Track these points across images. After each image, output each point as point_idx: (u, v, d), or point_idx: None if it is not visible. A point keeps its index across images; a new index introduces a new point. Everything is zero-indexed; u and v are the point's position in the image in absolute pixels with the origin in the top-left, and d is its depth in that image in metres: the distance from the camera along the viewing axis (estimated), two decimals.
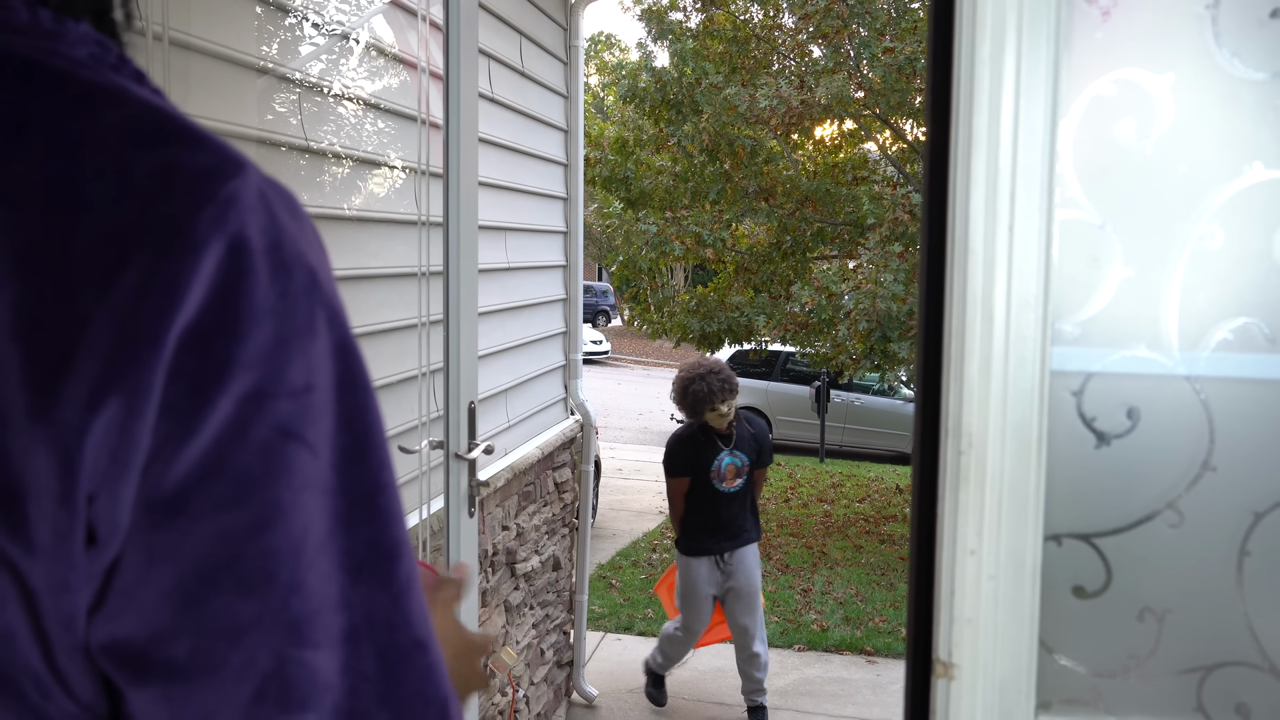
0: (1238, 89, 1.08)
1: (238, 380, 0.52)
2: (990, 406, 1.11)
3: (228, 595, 0.53)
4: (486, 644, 0.95)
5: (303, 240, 0.57)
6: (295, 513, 0.54)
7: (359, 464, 0.58)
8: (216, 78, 2.43)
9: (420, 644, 0.60)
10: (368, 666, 0.57)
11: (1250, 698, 1.12)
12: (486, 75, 4.20)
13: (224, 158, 0.55)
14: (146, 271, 0.51)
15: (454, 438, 2.69)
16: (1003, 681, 1.13)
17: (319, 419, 0.56)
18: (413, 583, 0.60)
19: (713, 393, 5.01)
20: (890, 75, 9.19)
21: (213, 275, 0.52)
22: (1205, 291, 1.10)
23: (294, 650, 0.54)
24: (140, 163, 0.53)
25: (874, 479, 12.64)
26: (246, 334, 0.53)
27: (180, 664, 0.53)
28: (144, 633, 0.53)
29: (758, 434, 5.28)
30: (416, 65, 3.41)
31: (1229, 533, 1.12)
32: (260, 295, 0.53)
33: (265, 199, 0.56)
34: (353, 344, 0.59)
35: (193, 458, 0.52)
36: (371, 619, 0.57)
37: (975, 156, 1.09)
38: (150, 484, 0.52)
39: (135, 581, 0.52)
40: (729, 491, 5.17)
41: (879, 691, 6.22)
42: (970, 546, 1.12)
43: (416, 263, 3.23)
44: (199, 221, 0.52)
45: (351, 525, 0.57)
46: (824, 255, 10.93)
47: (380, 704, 0.57)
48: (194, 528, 0.52)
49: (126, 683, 0.53)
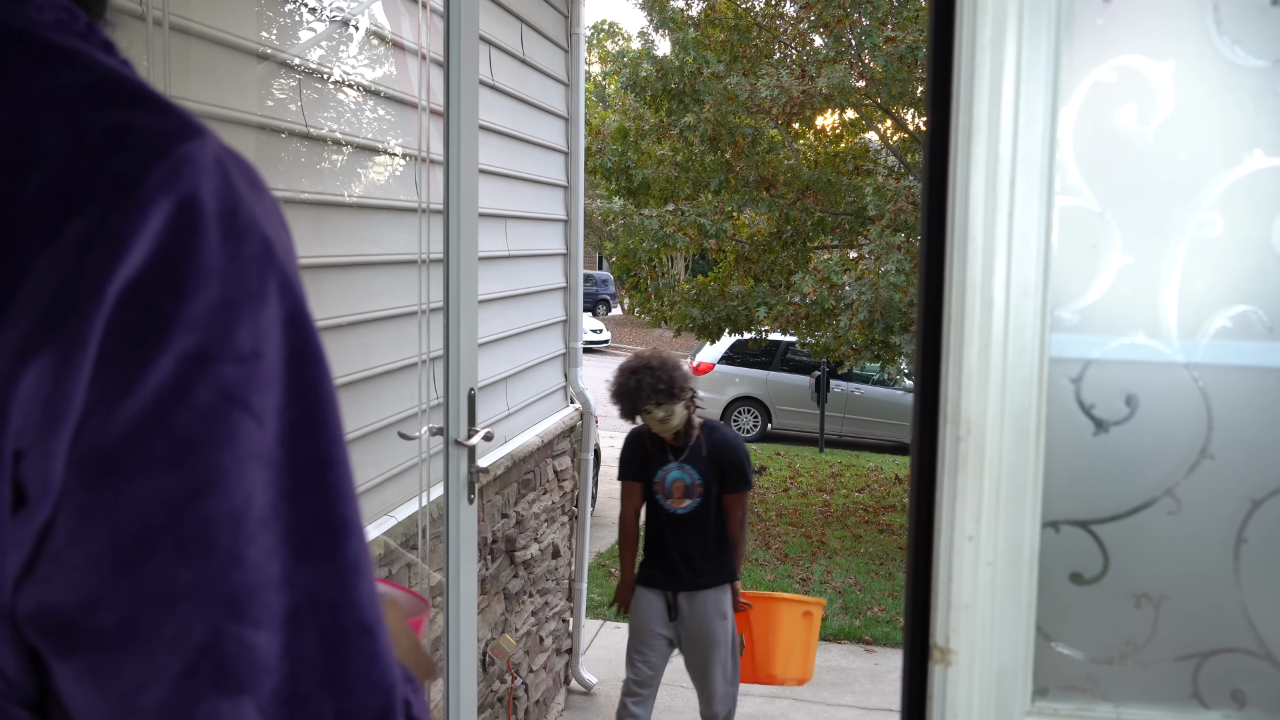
0: (1238, 76, 1.08)
1: (180, 339, 0.51)
2: (989, 393, 1.11)
3: (163, 561, 0.51)
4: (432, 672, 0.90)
5: (260, 210, 0.56)
6: (237, 481, 0.53)
7: (307, 439, 0.56)
8: (217, 63, 2.42)
9: (366, 627, 0.57)
10: (310, 649, 0.55)
11: (1246, 684, 1.13)
12: (487, 62, 4.19)
13: (183, 123, 0.55)
14: (92, 224, 0.50)
15: (454, 424, 2.69)
16: (1000, 668, 1.14)
17: (266, 388, 0.54)
18: (360, 564, 0.58)
19: (640, 392, 4.08)
20: (892, 64, 9.18)
21: (159, 232, 0.51)
22: (1204, 279, 1.10)
23: (232, 626, 0.52)
24: (95, 121, 0.52)
25: (873, 469, 12.65)
26: (192, 293, 0.52)
27: (108, 632, 0.51)
28: (72, 599, 0.51)
29: (721, 451, 4.24)
30: (417, 51, 3.41)
31: (1226, 520, 1.12)
32: (209, 256, 0.52)
33: (222, 165, 0.55)
34: (306, 316, 0.57)
35: (131, 415, 0.51)
36: (315, 599, 0.55)
37: (975, 143, 1.09)
38: (86, 441, 0.50)
39: (66, 544, 0.50)
40: (677, 514, 4.21)
41: (877, 680, 6.24)
42: (968, 533, 1.12)
43: (417, 250, 3.23)
44: (149, 178, 0.51)
45: (297, 501, 0.55)
46: (824, 245, 10.93)
47: (323, 689, 0.55)
48: (130, 489, 0.51)
49: (51, 653, 0.52)
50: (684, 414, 4.17)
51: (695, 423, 4.27)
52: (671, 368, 4.16)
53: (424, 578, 3.44)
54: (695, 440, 4.24)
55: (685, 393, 4.15)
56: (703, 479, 4.19)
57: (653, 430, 4.20)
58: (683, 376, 4.16)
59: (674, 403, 4.10)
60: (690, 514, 4.21)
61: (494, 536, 4.36)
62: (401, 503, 3.41)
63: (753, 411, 14.79)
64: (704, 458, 4.21)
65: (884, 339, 9.06)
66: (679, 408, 4.14)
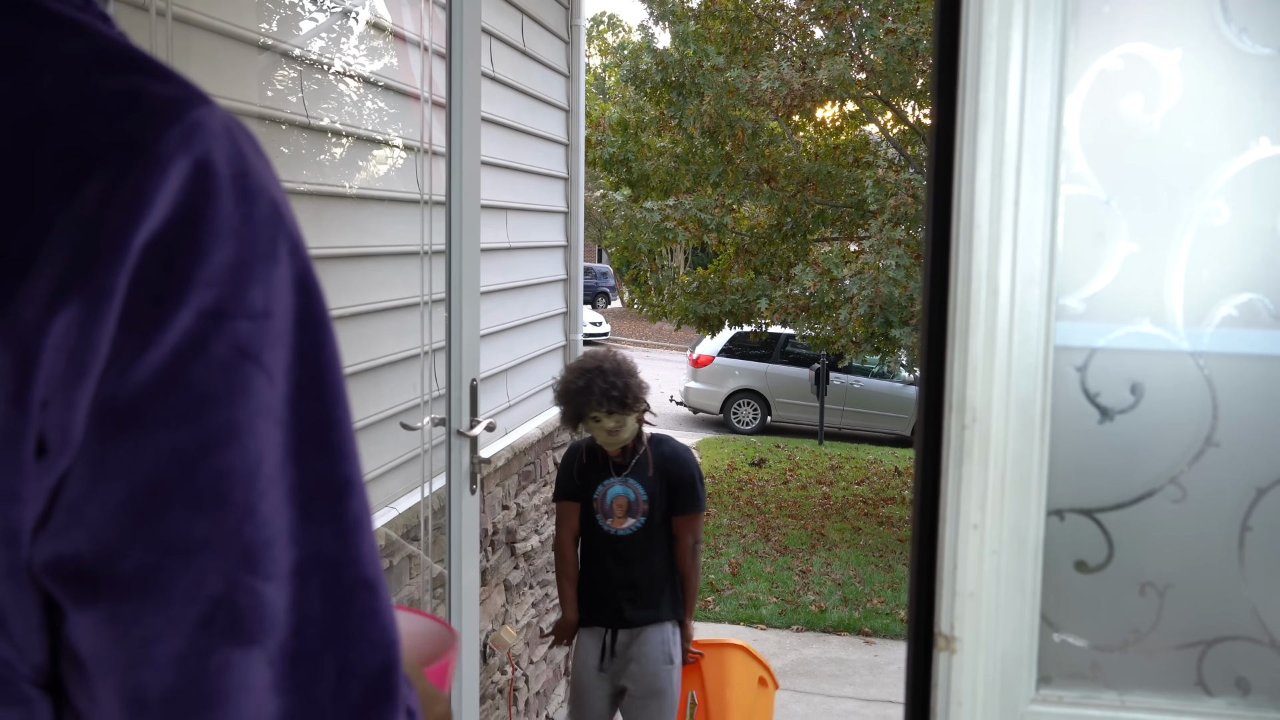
0: (1245, 64, 1.08)
1: (198, 295, 0.52)
2: (994, 382, 1.11)
3: (179, 512, 0.52)
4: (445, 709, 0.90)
5: (267, 175, 0.57)
6: (251, 436, 0.54)
7: (312, 399, 0.57)
8: (218, 54, 2.42)
9: (368, 584, 0.58)
10: (314, 605, 0.56)
11: (1250, 671, 1.13)
12: (488, 54, 4.19)
13: (190, 91, 0.56)
14: (111, 182, 0.51)
15: (456, 414, 2.69)
16: (1004, 655, 1.14)
17: (276, 346, 0.55)
18: (362, 522, 0.59)
19: (589, 396, 3.56)
20: (892, 57, 9.17)
21: (178, 191, 0.52)
22: (1210, 267, 1.10)
23: (246, 577, 0.53)
24: (106, 85, 0.53)
25: (873, 461, 12.66)
26: (209, 251, 0.53)
27: (128, 581, 0.52)
28: (91, 550, 0.51)
29: (670, 466, 3.73)
30: (419, 43, 3.40)
31: (1231, 508, 1.12)
32: (224, 216, 0.54)
33: (231, 131, 0.56)
34: (314, 279, 0.58)
35: (150, 368, 0.52)
36: (318, 556, 0.56)
37: (981, 131, 1.09)
38: (105, 393, 0.51)
39: (84, 496, 0.51)
40: (618, 535, 3.70)
41: (876, 672, 6.25)
42: (973, 521, 1.13)
43: (418, 241, 3.23)
44: (166, 140, 0.53)
45: (301, 459, 0.56)
46: (824, 238, 10.92)
47: (325, 644, 0.56)
48: (148, 441, 0.52)
49: (71, 602, 0.52)
50: (635, 427, 3.67)
51: (643, 437, 3.77)
52: (627, 373, 3.64)
53: (425, 569, 3.44)
54: (641, 455, 3.73)
55: (640, 404, 3.64)
56: (649, 496, 3.69)
57: (597, 442, 3.70)
58: (639, 385, 3.66)
59: (626, 413, 3.59)
60: (633, 536, 3.70)
61: (495, 528, 4.37)
62: (403, 493, 3.41)
63: (752, 404, 14.79)
64: (650, 475, 3.71)
65: (884, 332, 9.07)
66: (631, 420, 3.63)
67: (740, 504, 10.45)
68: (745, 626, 6.99)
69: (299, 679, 0.55)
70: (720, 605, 7.35)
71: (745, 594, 7.64)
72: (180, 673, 0.52)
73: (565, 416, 3.67)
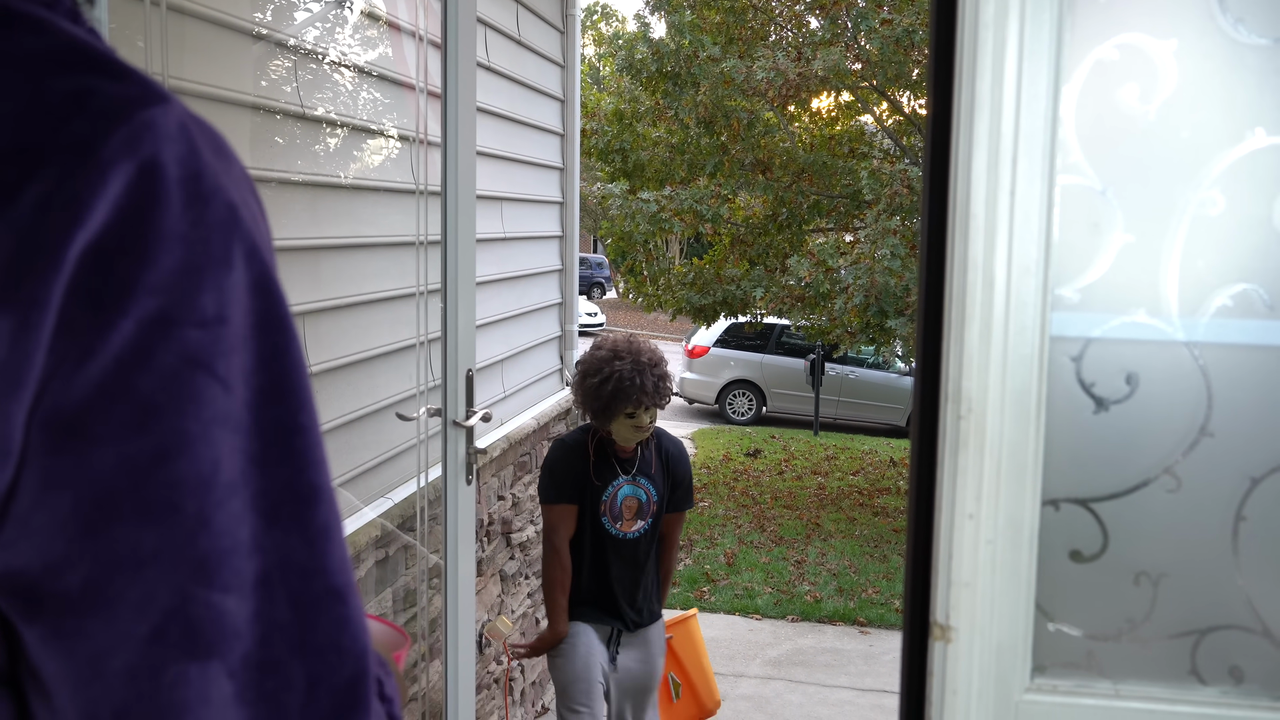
0: (1241, 54, 1.08)
1: (140, 303, 0.51)
2: (990, 372, 1.11)
3: (128, 525, 0.51)
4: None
5: (226, 177, 0.56)
6: (203, 446, 0.53)
7: (276, 405, 0.56)
8: (212, 43, 2.41)
9: (336, 592, 0.57)
10: (281, 614, 0.55)
11: (1244, 661, 1.13)
12: (483, 43, 4.18)
13: (147, 90, 0.54)
14: (49, 186, 0.50)
15: (452, 405, 2.69)
16: (999, 644, 1.14)
17: (232, 353, 0.54)
18: (330, 530, 0.58)
19: (643, 390, 3.28)
20: (888, 47, 9.16)
21: (119, 196, 0.51)
22: (1205, 258, 1.10)
23: (200, 590, 0.52)
24: (55, 85, 0.52)
25: (868, 452, 12.68)
26: (153, 258, 0.52)
27: (73, 596, 0.51)
28: (39, 562, 0.51)
29: (674, 463, 3.52)
30: (413, 33, 3.39)
31: (1225, 498, 1.13)
32: (171, 221, 0.52)
33: (187, 132, 0.55)
34: (274, 283, 0.57)
35: (93, 378, 0.51)
36: (285, 564, 0.55)
37: (978, 121, 1.09)
38: (49, 404, 0.50)
39: (31, 507, 0.51)
40: (625, 538, 3.44)
41: (871, 662, 6.27)
42: (969, 511, 1.13)
43: (414, 232, 3.22)
44: (109, 143, 0.51)
45: (266, 466, 0.55)
46: (820, 228, 10.92)
47: (293, 654, 0.55)
48: (94, 452, 0.51)
49: (19, 617, 0.52)
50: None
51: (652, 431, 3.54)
52: (664, 362, 3.43)
53: (421, 559, 3.45)
54: (648, 452, 3.48)
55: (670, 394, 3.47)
56: (659, 497, 3.47)
57: (619, 435, 3.39)
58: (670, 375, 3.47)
59: (662, 408, 3.41)
60: (639, 540, 3.46)
61: (490, 518, 4.37)
62: (399, 484, 3.41)
63: (748, 394, 14.80)
64: (654, 473, 3.46)
65: (879, 323, 9.07)
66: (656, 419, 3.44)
67: (735, 494, 10.46)
68: (740, 616, 7.01)
69: (265, 689, 0.54)
70: (715, 595, 7.37)
71: (740, 584, 7.65)
72: (132, 688, 0.52)
73: (597, 411, 3.34)
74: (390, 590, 3.31)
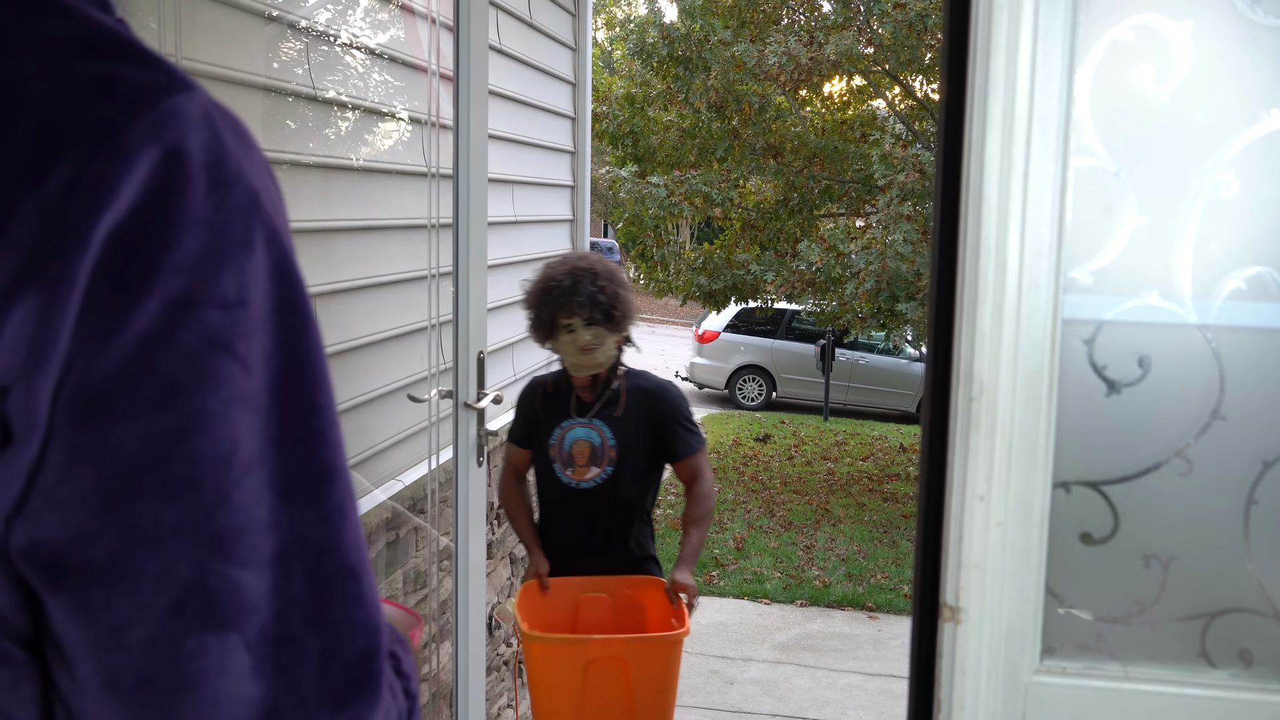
0: (1257, 35, 1.07)
1: (164, 284, 0.53)
2: (1002, 354, 1.11)
3: (149, 499, 0.53)
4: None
5: (248, 163, 0.57)
6: (222, 424, 0.54)
7: (293, 385, 0.58)
8: (224, 24, 2.41)
9: (350, 570, 0.59)
10: (297, 589, 0.57)
11: (1254, 643, 1.14)
12: (495, 26, 4.17)
13: (173, 77, 0.56)
14: (77, 168, 0.51)
15: (463, 387, 2.70)
16: (1009, 626, 1.15)
17: (252, 335, 0.56)
18: (345, 509, 0.60)
19: (575, 297, 2.95)
20: (900, 31, 9.11)
21: (145, 180, 0.53)
22: (1219, 240, 1.10)
23: (218, 564, 0.54)
24: (82, 70, 0.54)
25: (878, 437, 12.67)
26: (177, 240, 0.53)
27: (96, 567, 0.53)
28: (63, 535, 0.52)
29: (649, 402, 3.11)
30: (426, 15, 3.39)
31: (1237, 481, 1.13)
32: (194, 205, 0.54)
33: (210, 119, 0.56)
34: (293, 268, 0.59)
35: (117, 357, 0.52)
36: (301, 541, 0.57)
37: (991, 102, 1.09)
38: (74, 381, 0.52)
39: (56, 481, 0.52)
40: (578, 487, 3.09)
41: (880, 647, 6.28)
42: (979, 492, 1.13)
43: (426, 214, 3.22)
44: (136, 128, 0.53)
45: (283, 446, 0.57)
46: (831, 213, 10.89)
47: (308, 629, 0.57)
48: (117, 428, 0.52)
49: (44, 587, 0.53)
50: (613, 354, 3.08)
51: (619, 370, 3.15)
52: (619, 283, 3.05)
53: (432, 541, 3.46)
54: (613, 392, 3.11)
55: (626, 322, 3.04)
56: (617, 442, 3.06)
57: (566, 360, 3.07)
58: (629, 301, 3.05)
59: (609, 329, 2.99)
60: (597, 490, 3.08)
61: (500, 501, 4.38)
62: (410, 466, 3.42)
63: (758, 380, 14.79)
64: (620, 416, 3.08)
65: (890, 308, 9.05)
66: (611, 341, 3.03)
67: (745, 479, 10.47)
68: (749, 601, 7.02)
69: (281, 662, 0.56)
70: (725, 580, 7.38)
71: (750, 569, 7.66)
72: (153, 658, 0.53)
73: (536, 322, 3.06)
74: (400, 572, 3.33)
